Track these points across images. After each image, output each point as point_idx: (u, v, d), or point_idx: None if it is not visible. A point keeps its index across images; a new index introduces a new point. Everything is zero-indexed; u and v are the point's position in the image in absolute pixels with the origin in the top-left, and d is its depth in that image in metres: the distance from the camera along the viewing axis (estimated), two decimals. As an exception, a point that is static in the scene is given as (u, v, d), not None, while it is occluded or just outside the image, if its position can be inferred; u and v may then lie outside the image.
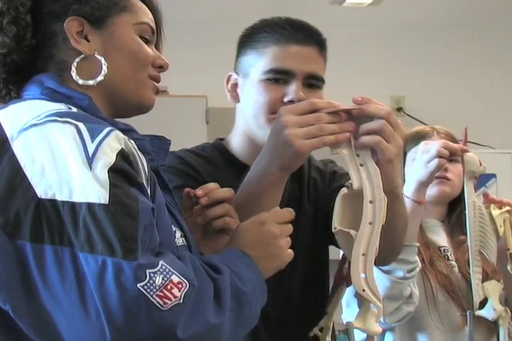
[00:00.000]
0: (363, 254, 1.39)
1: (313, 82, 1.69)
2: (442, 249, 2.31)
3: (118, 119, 1.30)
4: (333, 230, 1.40)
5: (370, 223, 1.38)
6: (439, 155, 2.03)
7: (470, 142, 2.35)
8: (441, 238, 2.34)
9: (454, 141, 2.27)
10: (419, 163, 2.08)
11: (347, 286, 1.69)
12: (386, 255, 1.66)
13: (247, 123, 1.73)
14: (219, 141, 1.81)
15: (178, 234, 1.29)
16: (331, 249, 1.77)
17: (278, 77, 1.67)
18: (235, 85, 1.76)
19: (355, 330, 1.50)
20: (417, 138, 2.31)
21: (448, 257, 2.29)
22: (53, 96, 1.27)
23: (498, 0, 5.35)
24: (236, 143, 1.77)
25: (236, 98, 1.76)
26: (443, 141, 2.08)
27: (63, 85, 1.29)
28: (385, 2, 4.46)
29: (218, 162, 1.75)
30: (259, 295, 1.24)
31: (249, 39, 1.75)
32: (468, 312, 2.07)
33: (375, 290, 1.40)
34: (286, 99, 1.66)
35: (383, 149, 1.40)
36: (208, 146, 1.80)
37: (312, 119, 1.42)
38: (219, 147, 1.79)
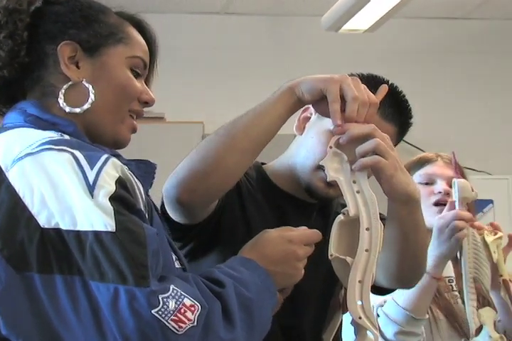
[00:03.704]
0: (360, 281, 1.38)
1: None
2: (447, 278, 2.30)
3: None
4: (330, 257, 1.40)
5: (367, 250, 1.38)
6: (457, 218, 2.03)
7: (466, 168, 2.35)
8: (447, 267, 2.33)
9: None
10: (438, 238, 2.06)
11: (343, 313, 1.69)
12: (410, 274, 1.66)
13: (295, 158, 1.72)
14: (259, 163, 1.80)
15: (173, 256, 1.29)
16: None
17: None
18: (307, 119, 1.73)
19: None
20: (421, 163, 2.35)
21: (452, 287, 2.28)
22: (37, 123, 1.25)
23: (495, 26, 5.39)
24: (278, 167, 1.77)
25: (301, 130, 1.74)
26: (456, 213, 2.06)
27: (46, 112, 1.27)
28: (381, 29, 4.47)
29: (253, 181, 1.75)
30: (268, 297, 1.24)
31: None
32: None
33: (372, 317, 1.39)
34: None
35: (383, 167, 1.41)
36: None
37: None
38: (257, 167, 1.78)
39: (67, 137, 1.22)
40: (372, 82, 1.68)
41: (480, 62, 5.39)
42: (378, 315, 2.07)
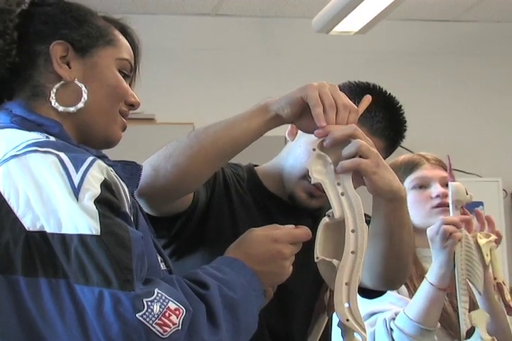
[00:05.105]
0: (346, 283, 1.38)
1: None
2: None
3: None
4: (315, 260, 1.39)
5: (353, 252, 1.38)
6: (445, 223, 2.03)
7: (456, 170, 2.35)
8: None
9: (444, 167, 2.29)
10: (433, 248, 2.07)
11: (328, 315, 1.69)
12: (395, 274, 1.66)
13: (283, 164, 1.74)
14: (251, 165, 1.82)
15: (158, 258, 1.29)
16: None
17: None
18: None
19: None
20: (409, 168, 2.33)
21: None
22: (23, 124, 1.25)
23: (486, 28, 5.40)
24: (269, 170, 1.78)
25: (293, 136, 1.74)
26: (442, 219, 2.06)
27: (32, 112, 1.27)
28: (371, 31, 4.48)
29: (243, 182, 1.76)
30: (254, 297, 1.24)
31: None
32: (455, 342, 2.07)
33: (359, 319, 1.39)
34: None
35: (364, 167, 1.41)
36: (239, 165, 1.81)
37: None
38: (249, 169, 1.80)
39: (52, 139, 1.22)
40: (365, 93, 1.68)
41: (470, 64, 5.40)
42: (392, 329, 2.08)
